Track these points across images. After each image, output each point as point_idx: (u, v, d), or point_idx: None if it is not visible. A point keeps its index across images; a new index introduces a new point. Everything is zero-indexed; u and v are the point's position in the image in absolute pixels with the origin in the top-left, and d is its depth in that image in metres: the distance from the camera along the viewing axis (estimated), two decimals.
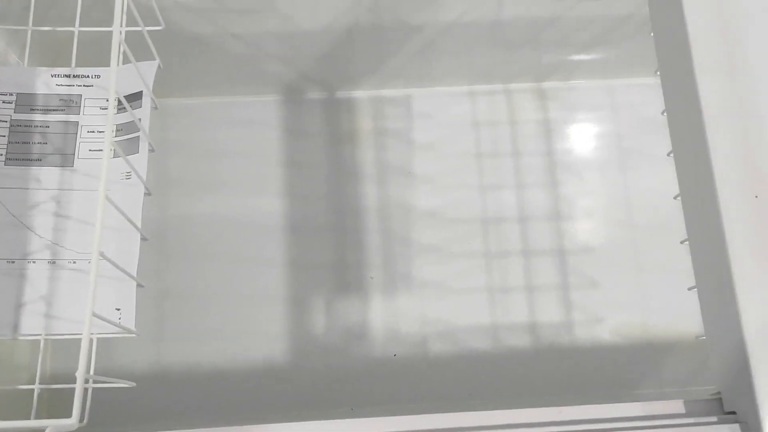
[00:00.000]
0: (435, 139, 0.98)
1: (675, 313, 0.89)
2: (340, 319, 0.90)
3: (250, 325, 0.91)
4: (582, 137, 0.98)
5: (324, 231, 0.94)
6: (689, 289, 0.49)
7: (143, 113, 0.60)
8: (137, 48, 0.63)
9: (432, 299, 0.91)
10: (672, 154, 0.53)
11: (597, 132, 0.98)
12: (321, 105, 0.99)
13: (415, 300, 0.91)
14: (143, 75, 0.60)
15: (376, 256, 0.93)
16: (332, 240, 0.93)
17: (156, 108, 0.61)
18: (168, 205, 0.94)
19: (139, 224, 0.57)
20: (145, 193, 0.58)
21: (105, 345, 0.57)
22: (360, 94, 1.00)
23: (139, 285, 0.56)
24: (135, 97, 0.60)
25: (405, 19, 0.81)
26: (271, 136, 0.98)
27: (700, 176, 0.40)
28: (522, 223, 0.95)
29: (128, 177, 0.59)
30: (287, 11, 0.78)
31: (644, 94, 0.99)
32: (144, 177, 0.58)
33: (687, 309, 0.54)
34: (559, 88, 1.00)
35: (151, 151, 0.60)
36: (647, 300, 0.91)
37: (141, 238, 0.57)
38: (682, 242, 0.51)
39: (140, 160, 0.59)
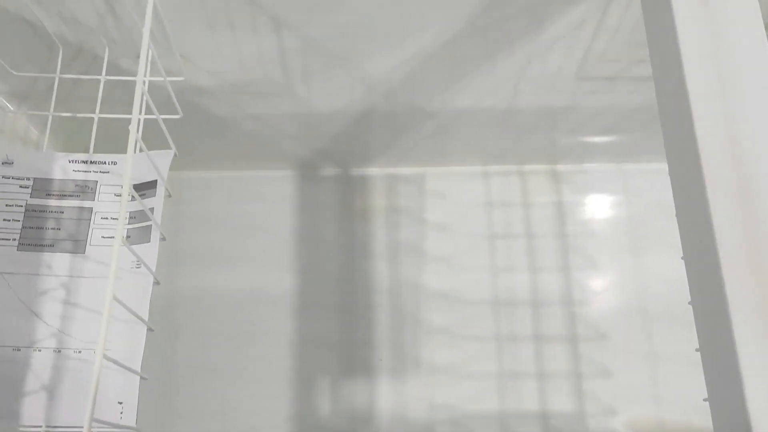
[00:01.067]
0: (448, 219, 0.98)
1: (691, 407, 0.87)
2: (347, 402, 0.89)
3: (257, 403, 0.89)
4: (595, 221, 0.98)
5: (334, 309, 0.93)
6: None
7: (156, 202, 0.60)
8: (155, 133, 0.64)
9: (441, 384, 0.89)
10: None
11: (610, 216, 0.98)
12: (335, 181, 1.00)
13: (424, 384, 0.89)
14: (158, 165, 0.60)
15: (385, 336, 0.92)
16: (342, 319, 0.92)
17: (170, 196, 0.61)
18: (178, 277, 0.94)
19: (146, 314, 0.56)
20: (154, 283, 0.58)
21: None
22: (374, 171, 1.00)
23: (142, 378, 0.55)
24: (149, 186, 0.61)
25: (419, 105, 0.82)
26: (284, 211, 0.98)
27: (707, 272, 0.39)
28: (534, 307, 0.93)
29: (138, 266, 0.59)
30: (304, 95, 0.79)
31: (658, 179, 0.98)
32: (153, 267, 0.58)
33: (704, 403, 0.52)
34: (573, 171, 1.00)
35: (162, 239, 0.60)
36: (662, 392, 0.89)
37: (147, 329, 0.56)
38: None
39: (151, 249, 0.59)
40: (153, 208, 0.60)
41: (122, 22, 0.64)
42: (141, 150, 0.61)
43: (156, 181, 0.61)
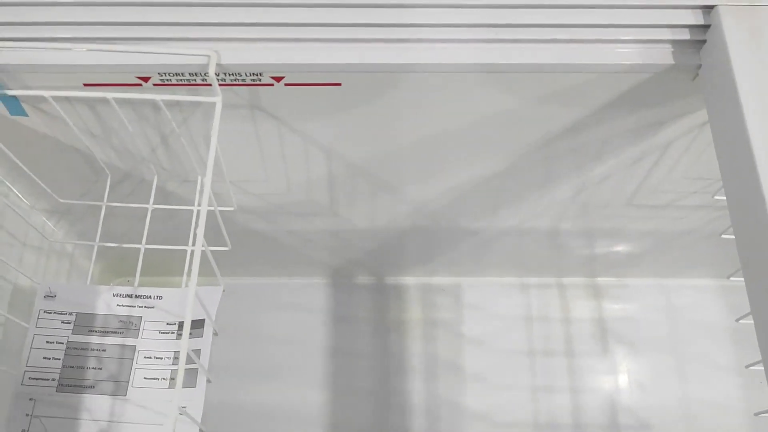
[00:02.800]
0: (485, 333, 0.95)
1: None
2: None
3: None
4: (638, 340, 0.94)
5: (367, 430, 0.89)
6: None
7: (203, 343, 0.58)
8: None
9: None
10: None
11: (654, 335, 0.95)
12: (369, 290, 0.98)
13: None
14: (207, 303, 0.58)
15: None
16: None
17: (216, 334, 0.59)
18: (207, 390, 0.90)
19: None
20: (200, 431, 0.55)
21: None
22: (409, 280, 0.98)
23: None
24: (197, 325, 0.59)
25: (462, 225, 0.81)
26: (317, 321, 0.95)
27: None
28: (577, 430, 0.89)
29: (182, 412, 0.56)
30: (346, 215, 0.77)
31: (701, 296, 0.96)
32: (199, 416, 0.55)
33: None
34: (614, 284, 0.97)
35: (209, 382, 0.57)
36: None
37: None
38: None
39: (196, 395, 0.56)
40: (200, 350, 0.57)
41: (173, 151, 0.63)
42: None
43: (204, 320, 0.58)
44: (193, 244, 0.60)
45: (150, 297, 0.61)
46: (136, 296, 0.61)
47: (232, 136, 0.61)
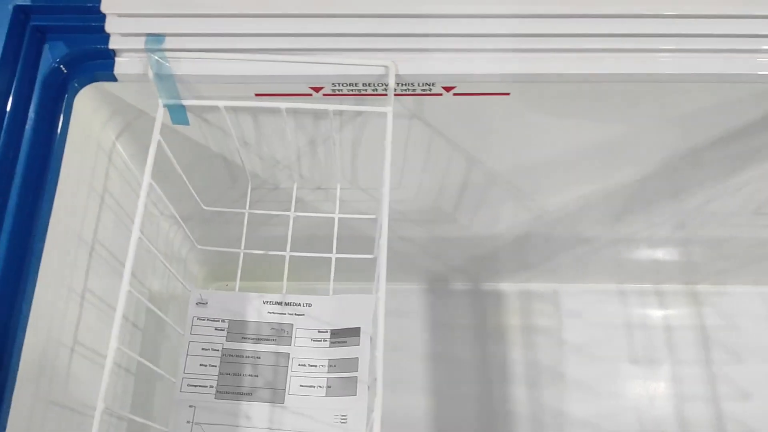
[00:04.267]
0: (586, 340, 0.94)
1: None
2: None
3: None
4: (741, 348, 0.93)
5: None
6: None
7: (360, 351, 0.58)
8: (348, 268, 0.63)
9: None
10: None
11: (757, 344, 0.94)
12: (466, 296, 0.98)
13: None
14: (360, 312, 0.59)
15: None
16: None
17: (371, 339, 0.59)
18: None
19: None
20: None
21: None
22: (506, 286, 0.98)
23: None
24: (353, 333, 0.59)
25: (579, 233, 0.81)
26: (416, 326, 0.95)
27: None
28: None
29: (343, 421, 0.56)
30: (466, 222, 0.77)
31: None
32: (363, 425, 0.55)
33: None
34: (715, 292, 0.97)
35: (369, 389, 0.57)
36: None
37: None
38: None
39: (357, 404, 0.56)
40: (357, 358, 0.58)
41: (316, 159, 0.64)
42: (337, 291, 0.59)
43: (359, 328, 0.59)
44: (331, 251, 0.60)
45: (299, 305, 0.61)
46: (285, 303, 0.61)
47: (379, 144, 0.61)
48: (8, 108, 0.46)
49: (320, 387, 0.58)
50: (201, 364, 0.58)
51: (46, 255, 0.47)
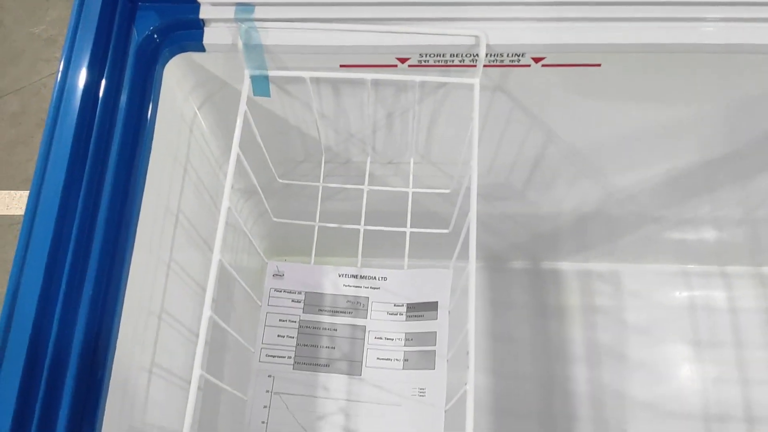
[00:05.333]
0: (647, 321, 0.93)
1: None
2: None
3: None
4: None
5: (531, 415, 0.88)
6: None
7: (439, 325, 0.58)
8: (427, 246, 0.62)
9: None
10: None
11: None
12: (526, 275, 0.97)
13: None
14: (437, 287, 0.58)
15: None
16: (540, 426, 0.88)
17: (449, 312, 0.59)
18: None
19: None
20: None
21: None
22: (565, 266, 0.97)
23: None
24: (430, 307, 0.59)
25: (647, 212, 0.79)
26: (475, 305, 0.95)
27: None
28: (750, 424, 0.87)
29: (422, 394, 0.56)
30: (535, 199, 0.76)
31: None
32: (442, 397, 0.55)
33: None
34: None
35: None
36: None
37: None
38: None
39: (436, 377, 0.56)
40: (435, 332, 0.57)
41: (391, 132, 0.63)
42: (411, 266, 0.59)
43: (437, 302, 0.58)
44: (407, 226, 0.60)
45: (375, 278, 0.61)
46: (361, 277, 0.61)
47: (457, 118, 0.60)
48: (104, 77, 0.47)
49: (397, 360, 0.58)
50: (278, 335, 0.59)
51: (141, 224, 0.47)
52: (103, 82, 0.47)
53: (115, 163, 0.46)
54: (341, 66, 0.52)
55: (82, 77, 0.46)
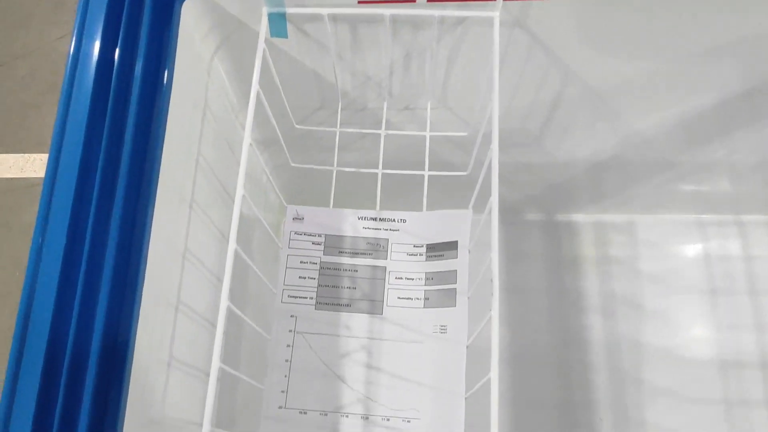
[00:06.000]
0: (663, 271, 0.93)
1: None
2: None
3: None
4: None
5: (547, 365, 0.89)
6: None
7: (459, 264, 0.58)
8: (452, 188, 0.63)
9: None
10: None
11: None
12: (540, 227, 0.97)
13: None
14: (457, 227, 0.59)
15: (605, 395, 0.87)
16: (557, 375, 0.89)
17: (469, 252, 0.59)
18: None
19: (462, 386, 0.54)
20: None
21: None
22: (580, 217, 0.97)
23: None
24: (448, 247, 0.59)
25: (666, 156, 0.79)
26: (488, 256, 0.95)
27: None
28: (765, 370, 0.87)
29: (443, 331, 0.57)
30: (551, 147, 0.76)
31: None
32: (464, 333, 0.55)
33: None
34: None
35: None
36: None
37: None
38: None
39: (457, 314, 0.56)
40: (456, 271, 0.58)
41: (408, 75, 0.63)
42: (431, 207, 0.59)
43: (456, 242, 0.59)
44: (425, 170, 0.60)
45: (394, 220, 0.61)
46: (380, 219, 0.61)
47: (474, 59, 0.60)
48: (123, 16, 0.47)
49: (418, 299, 0.58)
50: (300, 277, 0.59)
51: (164, 166, 0.48)
52: (123, 21, 0.47)
53: (135, 112, 0.46)
54: (359, 2, 0.52)
55: (100, 14, 0.46)
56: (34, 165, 1.16)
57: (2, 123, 1.23)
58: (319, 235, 0.61)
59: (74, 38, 0.47)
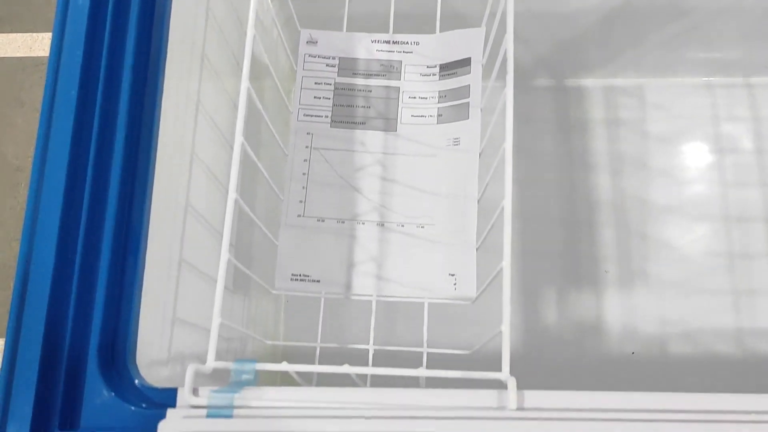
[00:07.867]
0: (671, 132, 0.94)
1: None
2: (573, 312, 0.88)
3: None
4: None
5: (555, 221, 0.91)
6: None
7: (472, 79, 0.59)
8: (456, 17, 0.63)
9: (671, 299, 0.87)
10: None
11: None
12: (549, 92, 0.97)
13: (654, 298, 0.87)
14: (471, 44, 0.59)
15: (610, 250, 0.89)
16: (564, 231, 0.91)
17: (482, 66, 0.59)
18: None
19: (475, 191, 0.56)
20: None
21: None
22: (589, 82, 0.97)
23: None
24: (460, 64, 0.60)
25: (678, 3, 0.78)
26: (498, 121, 0.96)
27: None
28: None
29: (456, 143, 0.58)
30: None
31: None
32: (477, 143, 0.57)
33: None
34: None
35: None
36: None
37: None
38: None
39: (470, 126, 0.58)
40: (469, 86, 0.59)
41: None
42: (445, 28, 0.60)
43: (469, 58, 0.59)
44: None
45: (407, 43, 0.62)
46: (393, 42, 0.62)
47: None
48: None
49: (431, 116, 0.59)
50: (315, 97, 0.60)
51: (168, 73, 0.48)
52: None
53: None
54: None
55: None
56: (42, 44, 1.16)
57: (9, 3, 1.22)
58: (333, 58, 0.61)
59: None
